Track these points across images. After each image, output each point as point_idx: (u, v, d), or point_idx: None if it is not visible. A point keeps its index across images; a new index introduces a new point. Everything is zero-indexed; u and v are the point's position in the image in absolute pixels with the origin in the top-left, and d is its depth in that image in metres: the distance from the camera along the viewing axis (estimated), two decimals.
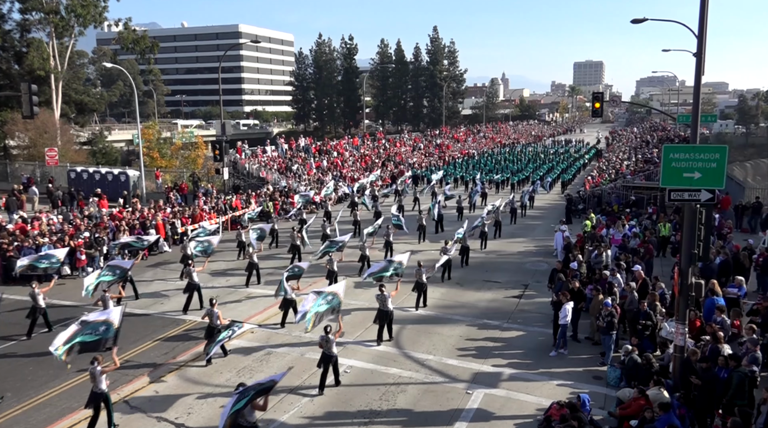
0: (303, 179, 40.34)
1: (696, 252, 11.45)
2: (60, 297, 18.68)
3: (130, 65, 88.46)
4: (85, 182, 35.85)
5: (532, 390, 12.73)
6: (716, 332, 12.26)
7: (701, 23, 12.44)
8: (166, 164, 47.43)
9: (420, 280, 17.91)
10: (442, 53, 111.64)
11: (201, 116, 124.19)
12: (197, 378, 13.33)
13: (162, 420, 11.51)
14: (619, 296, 15.53)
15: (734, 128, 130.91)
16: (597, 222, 25.74)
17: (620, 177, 40.25)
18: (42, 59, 45.19)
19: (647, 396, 10.75)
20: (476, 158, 63.28)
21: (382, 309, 15.15)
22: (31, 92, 20.40)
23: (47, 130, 42.50)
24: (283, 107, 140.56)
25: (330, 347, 12.56)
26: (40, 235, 21.71)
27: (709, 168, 11.02)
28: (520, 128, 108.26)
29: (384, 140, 63.48)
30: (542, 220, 33.21)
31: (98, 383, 10.78)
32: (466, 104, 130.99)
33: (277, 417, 11.57)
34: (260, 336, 15.75)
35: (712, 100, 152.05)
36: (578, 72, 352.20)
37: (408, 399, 12.38)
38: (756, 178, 43.08)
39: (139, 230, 24.36)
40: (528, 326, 16.56)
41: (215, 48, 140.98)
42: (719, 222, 23.57)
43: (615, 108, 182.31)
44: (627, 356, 12.65)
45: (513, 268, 22.82)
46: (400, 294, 17.66)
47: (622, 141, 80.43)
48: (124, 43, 51.90)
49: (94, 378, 10.82)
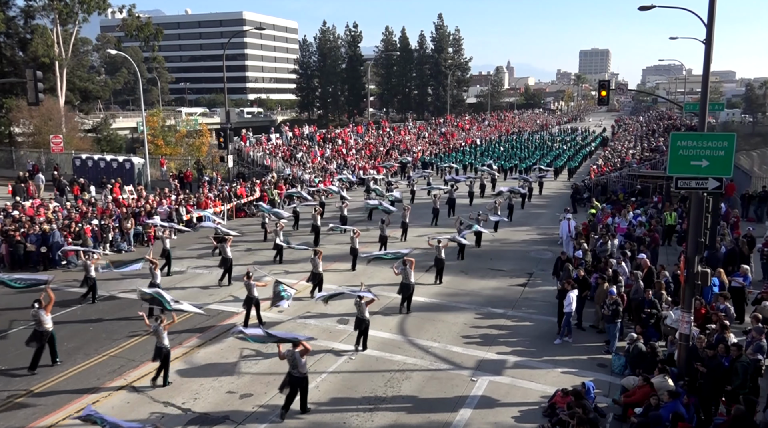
0: (307, 167, 40.30)
1: (703, 241, 11.43)
2: (66, 284, 18.80)
3: (134, 53, 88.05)
4: (90, 169, 35.93)
5: (537, 378, 12.77)
6: (722, 320, 12.27)
7: (710, 10, 12.29)
8: (171, 151, 47.41)
9: (439, 256, 18.98)
10: (447, 41, 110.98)
11: (205, 104, 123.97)
12: (203, 364, 13.41)
13: (169, 405, 11.61)
14: (624, 285, 15.53)
15: (741, 116, 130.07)
16: (602, 211, 25.68)
17: (626, 166, 40.07)
18: (46, 46, 45.15)
19: (652, 384, 10.79)
20: (484, 145, 63.73)
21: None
22: (36, 79, 20.33)
23: (52, 117, 42.53)
24: (287, 95, 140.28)
25: (363, 311, 13.66)
26: (46, 222, 21.80)
27: (717, 156, 10.96)
28: (525, 116, 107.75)
29: (388, 128, 63.31)
30: (547, 208, 33.15)
31: (161, 339, 12.22)
32: (470, 93, 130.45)
33: (281, 402, 11.64)
34: (266, 323, 15.78)
35: (719, 89, 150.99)
36: (584, 60, 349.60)
37: (413, 386, 12.45)
38: (762, 167, 42.75)
39: (144, 217, 24.45)
40: (532, 314, 16.59)
41: (219, 35, 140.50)
42: (726, 211, 23.48)
43: (621, 97, 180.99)
44: (632, 344, 12.68)
45: (517, 256, 22.82)
46: (417, 272, 18.17)
47: (628, 130, 80.00)
48: (128, 30, 51.80)
49: (157, 334, 12.23)
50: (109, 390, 12.16)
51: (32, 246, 20.37)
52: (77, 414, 10.64)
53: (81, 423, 10.83)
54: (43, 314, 12.87)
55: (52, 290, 13.97)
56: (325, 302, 15.55)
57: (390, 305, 16.97)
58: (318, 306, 16.91)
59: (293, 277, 19.38)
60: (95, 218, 23.17)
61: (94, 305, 17.04)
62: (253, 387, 12.31)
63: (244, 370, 13.12)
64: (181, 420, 11.08)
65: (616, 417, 11.05)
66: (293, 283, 17.07)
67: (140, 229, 23.98)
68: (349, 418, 11.21)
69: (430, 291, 18.29)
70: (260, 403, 11.70)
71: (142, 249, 23.35)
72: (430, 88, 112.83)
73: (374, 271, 20.23)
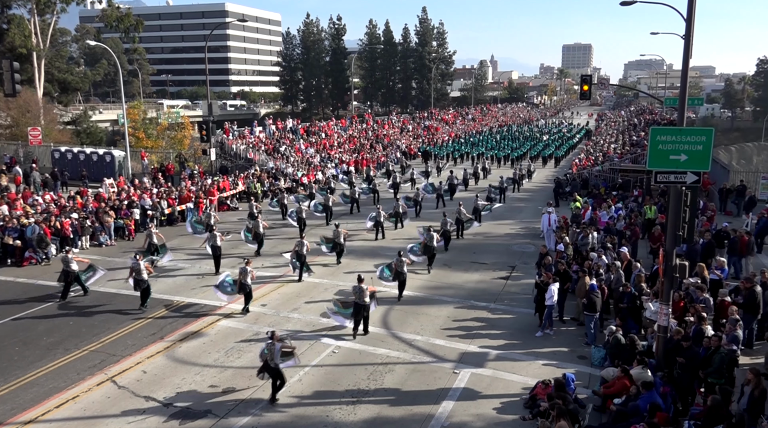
0: (291, 161, 40.10)
1: (681, 234, 11.58)
2: (45, 278, 18.57)
3: (114, 44, 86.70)
4: (69, 162, 35.36)
5: (518, 370, 12.90)
6: (699, 312, 12.47)
7: (690, 6, 12.46)
8: (152, 144, 46.89)
9: (430, 244, 19.72)
10: (431, 35, 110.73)
11: (187, 96, 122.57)
12: (185, 358, 13.34)
13: (150, 400, 11.53)
14: (604, 278, 15.69)
15: (720, 112, 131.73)
16: (584, 204, 25.91)
17: (607, 160, 40.45)
18: (23, 36, 44.31)
19: (630, 375, 10.95)
20: (478, 137, 66.82)
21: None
22: (13, 70, 20.04)
23: (30, 109, 41.81)
24: (270, 88, 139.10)
25: (363, 296, 14.06)
26: (24, 216, 21.46)
27: (695, 150, 11.12)
28: (508, 110, 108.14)
29: (372, 121, 63.17)
30: (530, 202, 33.37)
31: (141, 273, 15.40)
32: (454, 86, 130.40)
33: (265, 396, 11.63)
34: (249, 318, 15.75)
35: (699, 84, 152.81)
36: (567, 55, 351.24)
37: (396, 379, 12.50)
38: (741, 161, 43.41)
39: (125, 211, 24.18)
40: (515, 307, 16.72)
41: (201, 27, 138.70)
42: (703, 205, 23.82)
43: (603, 91, 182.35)
44: (611, 336, 12.84)
45: (500, 250, 22.97)
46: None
47: (610, 124, 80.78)
48: (108, 21, 50.99)
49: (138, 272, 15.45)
50: (89, 385, 12.04)
51: (9, 238, 20.04)
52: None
53: (60, 418, 10.79)
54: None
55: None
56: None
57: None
58: (300, 299, 16.92)
59: (271, 271, 19.39)
60: (75, 212, 22.85)
61: (74, 300, 16.82)
62: (235, 381, 12.27)
63: (227, 364, 13.07)
64: (163, 414, 11.02)
65: (595, 408, 11.20)
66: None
67: (121, 222, 23.70)
68: (332, 411, 11.23)
69: (413, 285, 18.32)
70: (243, 397, 11.67)
71: (123, 243, 23.13)
72: (414, 81, 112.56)
73: (357, 264, 20.20)
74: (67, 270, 16.83)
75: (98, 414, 11.04)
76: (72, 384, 12.08)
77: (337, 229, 20.62)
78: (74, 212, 22.75)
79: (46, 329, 14.73)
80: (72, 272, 16.86)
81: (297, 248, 18.40)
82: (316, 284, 18.32)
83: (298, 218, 24.39)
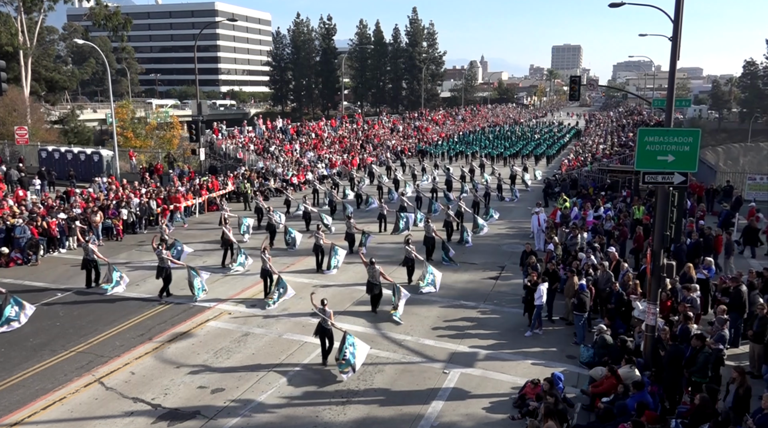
0: (281, 161, 39.98)
1: (668, 234, 11.67)
2: (31, 279, 18.40)
3: (103, 42, 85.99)
4: (56, 161, 35.06)
5: (508, 370, 12.95)
6: (686, 311, 12.57)
7: (677, 8, 12.54)
8: (141, 144, 46.58)
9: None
10: (422, 35, 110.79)
11: (176, 96, 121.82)
12: (174, 359, 13.26)
13: (138, 401, 11.46)
14: (592, 277, 15.78)
15: (707, 113, 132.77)
16: (571, 204, 26.05)
17: (596, 161, 40.67)
18: (10, 34, 43.90)
19: (618, 375, 11.02)
20: (472, 136, 68.36)
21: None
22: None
23: (16, 108, 41.43)
24: (260, 88, 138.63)
25: (376, 276, 15.61)
26: (10, 215, 21.26)
27: (683, 151, 11.21)
28: (498, 111, 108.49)
29: (362, 121, 63.13)
30: (520, 202, 33.49)
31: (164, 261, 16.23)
32: (445, 87, 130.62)
33: (255, 397, 11.60)
34: (238, 318, 15.71)
35: (687, 86, 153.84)
36: (556, 56, 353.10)
37: (385, 379, 12.51)
38: (728, 162, 43.95)
39: (113, 211, 23.99)
40: (504, 307, 16.78)
41: (191, 26, 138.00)
42: (692, 206, 24.02)
43: (592, 92, 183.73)
44: (599, 335, 12.92)
45: (490, 250, 23.03)
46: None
47: (599, 125, 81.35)
48: (96, 20, 50.60)
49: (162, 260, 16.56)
50: (76, 387, 11.94)
51: None
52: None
53: (47, 420, 10.70)
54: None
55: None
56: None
57: (362, 299, 16.96)
58: (291, 299, 16.86)
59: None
60: (61, 212, 22.66)
61: (62, 301, 16.67)
62: (224, 382, 12.22)
63: (216, 365, 13.01)
64: (151, 416, 10.96)
65: (584, 407, 11.26)
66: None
67: (109, 222, 23.53)
68: (322, 412, 11.21)
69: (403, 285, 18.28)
70: (232, 398, 11.63)
71: (111, 243, 22.95)
72: (404, 82, 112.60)
73: (344, 267, 20.15)
74: (87, 258, 17.45)
75: (86, 415, 10.96)
76: (59, 385, 11.98)
77: (349, 220, 21.98)
78: (61, 212, 22.56)
79: (33, 330, 14.60)
80: (92, 260, 17.49)
81: (316, 241, 19.76)
82: (305, 285, 18.28)
83: (304, 213, 25.53)
